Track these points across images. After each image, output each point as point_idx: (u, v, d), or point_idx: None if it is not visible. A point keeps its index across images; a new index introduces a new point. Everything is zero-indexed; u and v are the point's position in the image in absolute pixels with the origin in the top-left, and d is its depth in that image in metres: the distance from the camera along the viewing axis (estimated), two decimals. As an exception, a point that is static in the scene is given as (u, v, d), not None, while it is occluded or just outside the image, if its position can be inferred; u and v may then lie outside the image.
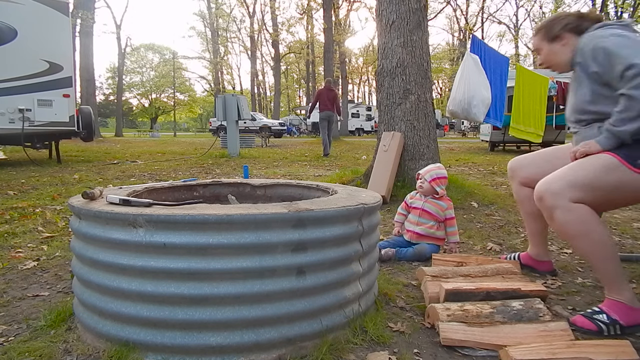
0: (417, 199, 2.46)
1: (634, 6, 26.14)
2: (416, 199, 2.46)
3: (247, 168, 2.79)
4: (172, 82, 44.74)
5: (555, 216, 1.55)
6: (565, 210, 1.53)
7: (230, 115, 9.41)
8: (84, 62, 18.77)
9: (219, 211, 1.23)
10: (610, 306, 1.54)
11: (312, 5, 27.28)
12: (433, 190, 2.40)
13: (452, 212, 2.37)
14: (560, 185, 1.55)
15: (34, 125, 6.98)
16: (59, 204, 3.80)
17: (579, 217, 1.53)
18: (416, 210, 2.42)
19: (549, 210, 1.57)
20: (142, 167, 7.33)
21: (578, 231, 1.54)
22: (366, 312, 1.52)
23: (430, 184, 2.40)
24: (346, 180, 4.42)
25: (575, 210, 1.53)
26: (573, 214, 1.53)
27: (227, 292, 1.22)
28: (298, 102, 55.21)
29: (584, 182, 1.53)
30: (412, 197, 2.49)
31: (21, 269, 2.14)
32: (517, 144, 11.25)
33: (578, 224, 1.53)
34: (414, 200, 2.47)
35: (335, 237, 1.35)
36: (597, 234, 1.53)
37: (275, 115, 31.82)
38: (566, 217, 1.53)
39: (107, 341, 1.30)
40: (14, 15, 6.77)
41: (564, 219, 1.54)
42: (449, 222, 2.38)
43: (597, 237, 1.53)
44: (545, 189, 1.57)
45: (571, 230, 1.55)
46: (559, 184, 1.55)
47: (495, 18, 39.54)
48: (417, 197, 2.46)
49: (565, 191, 1.53)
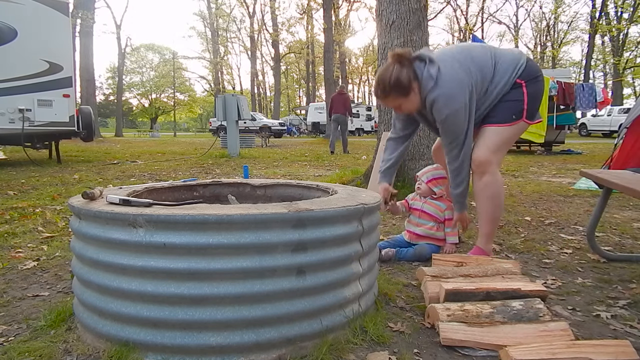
0: (416, 200, 2.46)
1: (634, 6, 26.10)
2: (416, 200, 2.47)
3: (247, 168, 2.79)
4: (172, 82, 44.74)
5: (484, 178, 2.08)
6: (493, 174, 2.07)
7: (230, 115, 9.42)
8: (84, 62, 18.77)
9: (219, 211, 1.23)
10: (476, 252, 2.17)
11: (312, 5, 27.29)
12: (430, 191, 2.41)
13: (451, 213, 2.37)
14: (487, 154, 2.08)
15: (34, 125, 6.98)
16: (59, 204, 3.80)
17: (498, 182, 2.09)
18: (416, 211, 2.43)
19: (481, 174, 2.09)
20: (142, 167, 7.33)
21: (494, 193, 2.09)
22: (366, 312, 1.52)
23: (427, 185, 2.40)
24: (346, 180, 4.42)
25: (498, 175, 2.09)
26: (497, 178, 2.09)
27: (227, 292, 1.22)
28: (298, 102, 55.23)
29: (499, 145, 2.10)
30: (412, 199, 2.49)
31: (21, 269, 2.14)
32: (517, 144, 11.24)
33: (497, 187, 2.09)
34: (414, 201, 2.47)
35: (335, 237, 1.35)
36: (502, 199, 2.13)
37: (275, 115, 31.83)
38: (491, 180, 2.07)
39: (107, 341, 1.30)
40: (14, 15, 6.77)
41: (489, 181, 2.07)
42: (448, 223, 2.38)
43: (501, 201, 2.13)
44: (483, 157, 2.08)
45: (490, 191, 2.09)
46: (487, 153, 2.08)
47: (495, 18, 39.65)
48: (417, 199, 2.46)
49: (492, 158, 2.07)
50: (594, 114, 20.41)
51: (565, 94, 9.25)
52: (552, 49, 37.56)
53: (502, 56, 2.11)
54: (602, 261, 2.28)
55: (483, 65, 2.06)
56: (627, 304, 1.73)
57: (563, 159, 8.70)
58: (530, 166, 7.37)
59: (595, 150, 11.03)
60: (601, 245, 2.45)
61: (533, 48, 41.71)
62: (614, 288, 1.91)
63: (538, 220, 3.22)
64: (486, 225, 2.18)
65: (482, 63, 2.06)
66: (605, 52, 34.39)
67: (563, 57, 40.77)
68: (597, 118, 20.37)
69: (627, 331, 1.51)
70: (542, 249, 2.49)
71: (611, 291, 1.87)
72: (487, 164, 2.07)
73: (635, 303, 1.74)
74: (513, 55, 2.12)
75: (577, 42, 39.16)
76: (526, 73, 2.08)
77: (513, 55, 2.12)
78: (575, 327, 1.52)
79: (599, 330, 1.53)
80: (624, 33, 29.27)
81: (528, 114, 2.09)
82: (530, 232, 2.88)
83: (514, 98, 2.07)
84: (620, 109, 19.14)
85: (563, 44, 38.47)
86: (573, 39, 38.30)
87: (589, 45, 28.69)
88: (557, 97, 9.13)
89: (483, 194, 2.12)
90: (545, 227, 3.05)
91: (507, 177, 5.94)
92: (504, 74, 2.06)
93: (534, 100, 2.09)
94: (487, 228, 2.17)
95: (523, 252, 2.45)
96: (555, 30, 38.87)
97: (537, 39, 41.43)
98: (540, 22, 39.78)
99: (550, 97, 8.65)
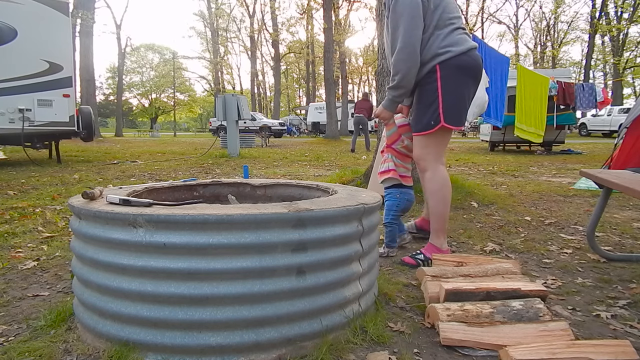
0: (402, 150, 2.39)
1: (634, 6, 26.10)
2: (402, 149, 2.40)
3: (247, 168, 2.78)
4: (172, 82, 44.69)
5: (426, 175, 2.16)
6: (433, 170, 2.13)
7: (230, 115, 9.41)
8: (84, 62, 18.75)
9: (219, 211, 1.23)
10: (428, 249, 2.20)
11: (312, 5, 27.28)
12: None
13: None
14: (417, 151, 2.18)
15: (34, 125, 6.97)
16: (59, 204, 3.80)
17: (438, 177, 2.13)
18: (409, 157, 2.38)
19: (422, 171, 2.18)
20: (142, 167, 7.33)
21: (435, 188, 2.14)
22: (366, 312, 1.52)
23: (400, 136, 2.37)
24: (346, 180, 4.42)
25: (439, 171, 2.13)
26: (437, 173, 2.12)
27: (227, 292, 1.22)
28: (298, 102, 55.22)
29: (427, 143, 2.14)
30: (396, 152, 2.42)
31: (21, 269, 2.14)
32: (517, 144, 11.25)
33: (437, 183, 2.13)
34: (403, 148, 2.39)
35: (335, 237, 1.35)
36: (445, 194, 2.14)
37: (275, 115, 31.80)
38: (431, 176, 2.14)
39: (107, 341, 1.30)
40: (14, 15, 6.77)
41: (429, 177, 2.14)
42: (401, 129, 2.37)
43: (444, 196, 2.14)
44: (416, 154, 2.19)
45: (431, 187, 2.15)
46: (416, 151, 2.18)
47: (495, 18, 39.58)
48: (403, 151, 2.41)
49: (423, 155, 2.14)
50: (594, 114, 20.41)
51: (566, 94, 9.25)
52: (552, 49, 37.55)
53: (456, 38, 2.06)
54: (602, 261, 2.28)
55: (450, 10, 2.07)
56: (627, 304, 1.73)
57: (563, 159, 8.70)
58: (530, 166, 7.37)
59: (595, 150, 11.03)
60: (601, 245, 2.45)
61: (533, 48, 41.73)
62: (614, 288, 1.91)
63: (538, 220, 3.22)
64: (433, 221, 2.22)
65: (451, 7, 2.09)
66: (605, 52, 34.37)
67: (563, 57, 40.77)
68: (597, 118, 20.36)
69: (627, 331, 1.51)
70: (542, 249, 2.49)
71: (611, 291, 1.87)
72: (421, 160, 2.16)
73: (635, 303, 1.74)
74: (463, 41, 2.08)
75: (577, 42, 39.19)
76: (450, 61, 2.02)
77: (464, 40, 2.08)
78: (575, 327, 1.53)
79: (599, 330, 1.53)
80: (624, 33, 29.26)
81: (446, 117, 2.04)
82: (530, 232, 2.88)
83: (428, 91, 2.07)
84: (620, 109, 19.12)
85: (563, 43, 38.46)
86: (573, 39, 38.32)
87: (589, 45, 28.70)
88: (557, 97, 9.14)
89: (426, 190, 2.20)
90: (545, 227, 3.05)
91: (507, 177, 5.94)
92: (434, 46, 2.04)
93: (449, 93, 2.04)
94: (435, 223, 2.21)
95: (523, 252, 2.45)
96: (555, 30, 38.87)
97: (537, 39, 41.42)
98: (540, 22, 39.78)
99: (550, 97, 8.65)
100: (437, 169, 2.12)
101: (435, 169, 2.12)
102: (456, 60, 2.01)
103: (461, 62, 2.03)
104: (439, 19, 2.02)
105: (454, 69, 2.02)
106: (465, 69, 2.05)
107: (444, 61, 2.01)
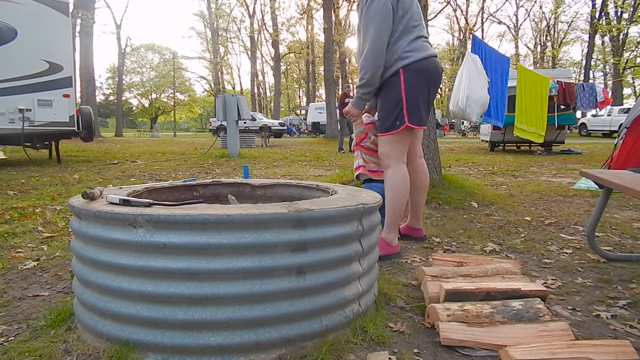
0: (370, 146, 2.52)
1: (634, 6, 26.09)
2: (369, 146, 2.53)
3: (247, 168, 2.78)
4: (172, 82, 44.67)
5: (387, 171, 2.24)
6: (395, 168, 2.23)
7: (230, 115, 9.41)
8: (84, 62, 18.75)
9: (219, 211, 1.23)
10: (380, 243, 2.17)
11: (312, 5, 27.28)
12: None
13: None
14: (380, 148, 2.28)
15: (34, 125, 6.97)
16: (59, 204, 3.80)
17: (397, 174, 2.22)
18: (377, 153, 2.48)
19: (385, 167, 2.27)
20: (142, 167, 7.33)
21: (392, 184, 2.22)
22: (366, 312, 1.52)
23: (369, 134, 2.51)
24: (346, 180, 4.43)
25: (400, 168, 2.23)
26: (399, 171, 2.22)
27: (227, 292, 1.22)
28: (298, 102, 55.21)
29: (388, 142, 2.25)
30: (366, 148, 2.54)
31: (21, 269, 2.14)
32: (517, 144, 11.25)
33: (394, 179, 2.22)
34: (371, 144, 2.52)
35: (335, 237, 1.35)
36: (401, 191, 2.22)
37: (275, 115, 31.82)
38: (391, 172, 2.23)
39: (107, 341, 1.30)
40: (14, 15, 6.77)
41: (389, 173, 2.24)
42: (367, 127, 2.52)
43: (400, 193, 2.22)
44: (379, 151, 2.30)
45: (389, 182, 2.23)
46: (380, 148, 2.28)
47: (495, 18, 39.62)
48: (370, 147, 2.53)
49: (385, 151, 2.25)
50: (594, 114, 20.41)
51: (566, 94, 9.25)
52: (552, 49, 37.56)
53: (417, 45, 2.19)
54: (602, 261, 2.28)
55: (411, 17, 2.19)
56: (627, 304, 1.73)
57: (563, 159, 8.70)
58: (530, 166, 7.37)
59: (595, 150, 11.03)
60: (601, 245, 2.45)
61: (533, 48, 41.74)
62: (614, 288, 1.91)
63: (538, 220, 3.22)
64: (388, 215, 2.28)
65: (415, 15, 2.20)
66: (605, 52, 34.37)
67: (563, 57, 40.77)
68: (597, 118, 20.36)
69: (627, 331, 1.51)
70: (542, 249, 2.49)
71: (611, 291, 1.87)
72: (385, 158, 2.27)
73: (635, 303, 1.74)
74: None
75: (577, 42, 39.21)
76: (412, 66, 2.14)
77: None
78: (575, 327, 1.53)
79: (599, 330, 1.53)
80: (624, 33, 29.25)
81: (410, 117, 2.16)
82: (530, 232, 2.88)
83: (393, 93, 2.18)
84: (620, 109, 19.12)
85: (563, 44, 38.47)
86: (573, 39, 38.33)
87: (589, 45, 28.69)
88: (558, 97, 9.14)
89: (387, 184, 2.28)
90: (545, 227, 3.05)
91: (507, 177, 5.94)
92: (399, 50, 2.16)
93: (412, 94, 2.16)
94: (389, 218, 2.29)
95: (523, 252, 2.45)
96: (555, 30, 38.88)
97: (537, 39, 41.43)
98: (540, 22, 39.80)
99: (550, 97, 8.66)
100: (399, 166, 2.24)
101: (397, 166, 2.24)
102: (418, 64, 2.15)
103: (422, 67, 2.17)
104: (405, 25, 2.17)
105: (415, 73, 2.16)
106: (425, 73, 2.19)
107: (407, 65, 2.15)
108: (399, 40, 2.15)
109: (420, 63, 2.15)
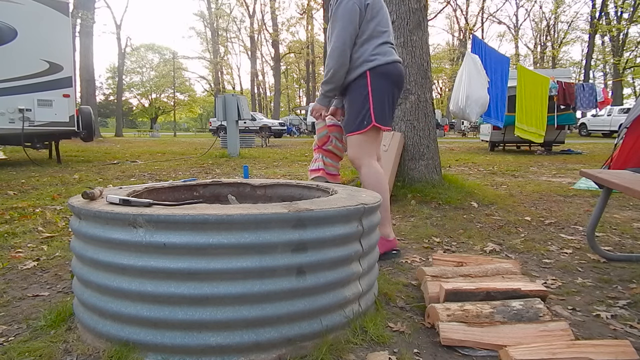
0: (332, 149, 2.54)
1: (634, 6, 26.09)
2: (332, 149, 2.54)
3: (247, 168, 2.78)
4: (172, 82, 44.68)
5: (361, 172, 2.26)
6: (367, 166, 2.25)
7: (230, 115, 9.41)
8: (84, 62, 18.76)
9: (219, 211, 1.23)
10: (379, 242, 2.14)
11: (312, 5, 27.29)
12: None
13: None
14: (350, 151, 2.30)
15: (34, 125, 6.97)
16: (59, 204, 3.80)
17: (373, 172, 2.24)
18: (338, 157, 2.56)
19: (357, 168, 2.30)
20: (142, 167, 7.33)
21: (372, 183, 2.22)
22: (366, 312, 1.52)
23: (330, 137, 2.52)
24: (346, 180, 4.42)
25: (372, 165, 2.25)
26: (371, 168, 2.24)
27: (227, 292, 1.22)
28: (298, 102, 55.21)
29: (358, 142, 2.27)
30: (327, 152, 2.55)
31: (21, 269, 2.14)
32: (517, 144, 11.25)
33: (373, 177, 2.24)
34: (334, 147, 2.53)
35: (335, 237, 1.35)
36: (383, 187, 2.22)
37: (275, 115, 31.85)
38: (366, 171, 2.25)
39: (107, 341, 1.30)
40: (14, 15, 6.77)
41: (365, 173, 2.25)
42: (331, 129, 2.54)
43: (383, 189, 2.20)
44: (350, 154, 2.32)
45: (368, 182, 2.23)
46: (350, 150, 2.30)
47: (495, 18, 39.65)
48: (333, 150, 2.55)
49: (356, 153, 2.27)
50: (594, 114, 20.40)
51: (566, 94, 9.26)
52: (552, 49, 37.56)
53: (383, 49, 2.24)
54: (602, 261, 2.28)
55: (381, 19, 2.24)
56: (627, 304, 1.73)
57: (563, 159, 8.70)
58: (530, 166, 7.37)
59: (595, 150, 11.03)
60: (601, 245, 2.45)
61: (533, 48, 41.73)
62: (614, 288, 1.91)
63: (538, 220, 3.22)
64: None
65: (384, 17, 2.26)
66: (605, 52, 34.37)
67: (563, 57, 40.76)
68: (597, 118, 20.36)
69: (627, 331, 1.51)
70: (542, 249, 2.49)
71: (611, 291, 1.87)
72: (355, 159, 2.29)
73: (635, 303, 1.74)
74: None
75: (577, 42, 39.25)
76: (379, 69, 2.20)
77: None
78: (575, 327, 1.53)
79: (599, 330, 1.53)
80: (624, 33, 29.25)
81: (376, 117, 2.21)
82: (530, 232, 2.88)
83: (360, 94, 2.23)
84: (620, 109, 19.12)
85: (563, 44, 38.46)
86: (573, 39, 38.32)
87: (589, 45, 28.70)
88: (558, 97, 9.14)
89: (365, 186, 2.29)
90: (545, 227, 3.05)
91: (507, 177, 5.94)
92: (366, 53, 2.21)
93: (379, 96, 2.21)
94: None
95: (523, 252, 2.45)
96: (555, 30, 38.87)
97: (537, 39, 41.42)
98: (540, 22, 39.79)
99: (550, 97, 8.66)
100: (370, 164, 2.27)
101: (369, 165, 2.27)
102: (383, 68, 2.22)
103: (387, 71, 2.23)
104: (373, 29, 2.22)
105: (381, 75, 2.22)
106: (390, 76, 2.25)
107: (373, 67, 2.21)
108: (366, 43, 2.22)
109: (386, 67, 2.22)
